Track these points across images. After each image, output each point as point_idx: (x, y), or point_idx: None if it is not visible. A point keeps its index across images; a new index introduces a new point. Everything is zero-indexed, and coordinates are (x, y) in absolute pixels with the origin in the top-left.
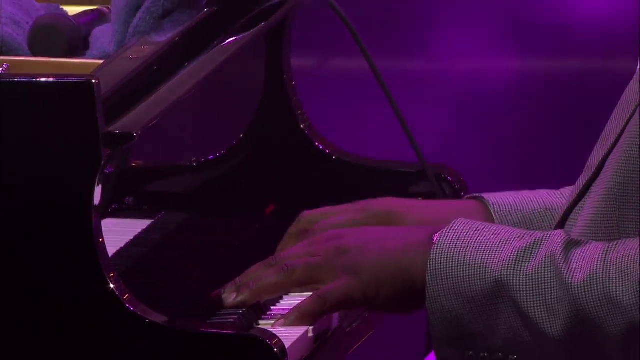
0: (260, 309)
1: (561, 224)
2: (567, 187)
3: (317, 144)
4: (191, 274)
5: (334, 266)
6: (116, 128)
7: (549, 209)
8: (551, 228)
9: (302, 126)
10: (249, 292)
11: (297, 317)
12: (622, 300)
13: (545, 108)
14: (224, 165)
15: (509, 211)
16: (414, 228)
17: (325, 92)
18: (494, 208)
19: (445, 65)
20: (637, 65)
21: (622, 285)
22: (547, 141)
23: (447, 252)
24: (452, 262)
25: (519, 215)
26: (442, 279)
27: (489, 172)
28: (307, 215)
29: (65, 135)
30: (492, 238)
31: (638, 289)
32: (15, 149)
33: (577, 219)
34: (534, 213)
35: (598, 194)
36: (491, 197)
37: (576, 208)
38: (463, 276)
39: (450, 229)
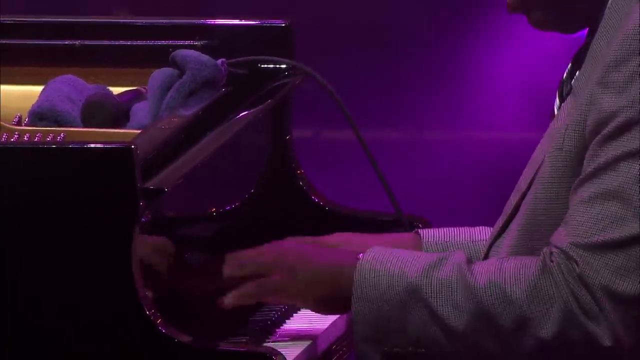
0: (269, 330)
1: (485, 257)
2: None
3: (313, 197)
4: (211, 302)
5: (275, 266)
6: (151, 184)
7: (472, 242)
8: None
9: (300, 183)
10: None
11: (236, 298)
12: (515, 299)
13: (495, 170)
14: (237, 214)
15: (435, 242)
16: (342, 249)
17: (320, 155)
18: (424, 240)
19: (418, 134)
20: None
21: (517, 285)
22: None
23: (371, 264)
24: (375, 271)
25: (441, 245)
26: (367, 287)
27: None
28: None
29: (110, 189)
30: (406, 255)
31: (530, 289)
32: (69, 200)
33: (498, 252)
34: (456, 244)
35: (516, 228)
36: (424, 231)
37: (496, 243)
38: (384, 283)
39: (371, 250)
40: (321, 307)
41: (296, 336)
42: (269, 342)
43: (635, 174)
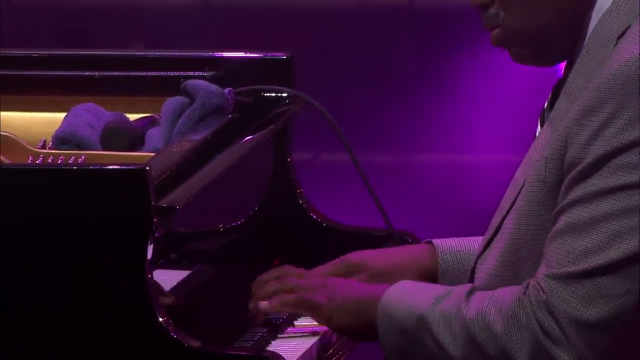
0: (273, 334)
1: (472, 271)
2: None
3: (311, 214)
4: (218, 310)
5: (319, 291)
6: (164, 202)
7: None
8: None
9: (300, 201)
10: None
11: (276, 305)
12: (496, 330)
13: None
14: (243, 230)
15: (449, 251)
16: (374, 285)
17: (318, 176)
18: (438, 249)
19: (408, 156)
20: None
21: (497, 317)
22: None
23: (391, 300)
24: (393, 306)
25: (454, 255)
26: (386, 318)
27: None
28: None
29: (127, 207)
30: (424, 289)
31: (508, 320)
32: (90, 216)
33: (483, 266)
34: (465, 253)
35: (498, 250)
36: (438, 241)
37: (481, 258)
38: (399, 315)
39: (396, 285)
40: (350, 334)
41: (297, 340)
42: (271, 346)
43: (603, 210)
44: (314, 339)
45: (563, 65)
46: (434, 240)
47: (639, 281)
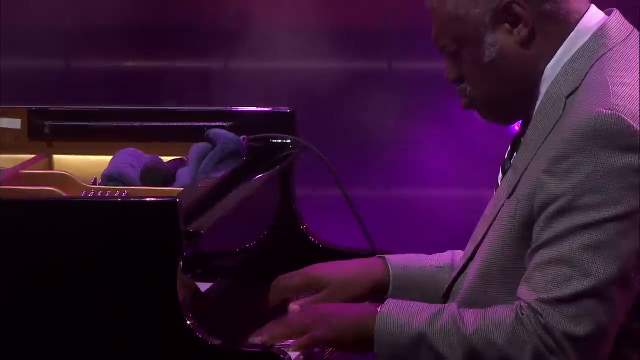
0: None
1: (447, 292)
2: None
3: (310, 238)
4: (234, 315)
5: (319, 323)
6: (191, 228)
7: (426, 268)
8: (425, 280)
9: (301, 227)
10: (270, 338)
11: (297, 348)
12: (497, 342)
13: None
14: (255, 250)
15: (398, 266)
16: (367, 304)
17: (316, 207)
18: (390, 263)
19: (389, 191)
20: None
21: (497, 332)
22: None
23: (388, 316)
24: (391, 321)
25: (405, 272)
26: (384, 334)
27: None
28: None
29: (161, 232)
30: (414, 308)
31: (508, 335)
32: (132, 239)
33: (458, 290)
34: (413, 268)
35: (474, 272)
36: (392, 257)
37: (459, 280)
38: (397, 332)
39: (387, 303)
40: (355, 350)
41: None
42: (278, 344)
43: (579, 244)
44: None
45: (518, 123)
46: (387, 257)
47: (615, 300)
